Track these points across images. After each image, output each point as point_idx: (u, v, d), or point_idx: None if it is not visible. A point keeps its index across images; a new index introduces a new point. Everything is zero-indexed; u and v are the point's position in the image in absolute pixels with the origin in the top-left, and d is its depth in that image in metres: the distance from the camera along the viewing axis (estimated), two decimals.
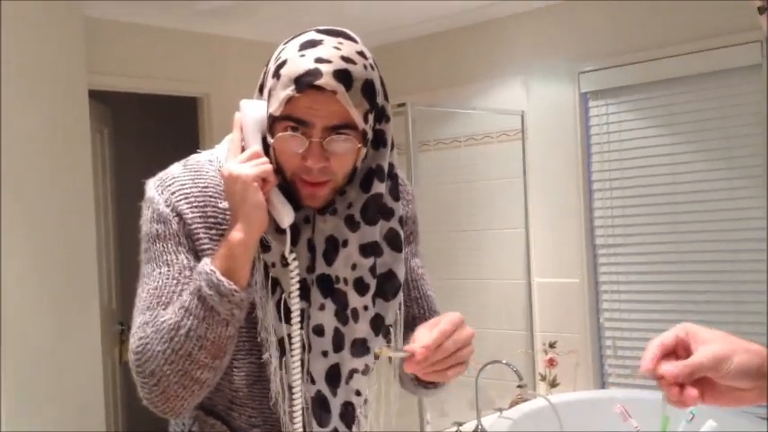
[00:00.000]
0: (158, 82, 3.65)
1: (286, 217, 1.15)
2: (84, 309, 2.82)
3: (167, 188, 1.19)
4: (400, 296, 1.28)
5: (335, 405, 1.23)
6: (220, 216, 1.19)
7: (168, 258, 1.17)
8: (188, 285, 1.14)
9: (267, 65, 1.19)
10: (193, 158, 1.26)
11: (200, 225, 1.18)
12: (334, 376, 1.22)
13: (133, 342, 1.14)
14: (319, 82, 1.07)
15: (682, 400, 0.87)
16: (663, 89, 3.11)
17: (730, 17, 2.85)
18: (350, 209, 1.22)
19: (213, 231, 1.18)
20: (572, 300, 3.38)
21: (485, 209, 3.62)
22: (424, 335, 1.11)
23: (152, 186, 1.21)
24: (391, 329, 1.27)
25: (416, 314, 1.37)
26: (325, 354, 1.21)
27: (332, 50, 1.11)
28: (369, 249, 1.23)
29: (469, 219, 3.66)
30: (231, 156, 1.16)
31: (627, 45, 3.18)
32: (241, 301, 1.11)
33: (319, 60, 1.09)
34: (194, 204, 1.18)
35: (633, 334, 3.26)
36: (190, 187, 1.19)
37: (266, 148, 1.16)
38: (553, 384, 3.31)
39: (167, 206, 1.18)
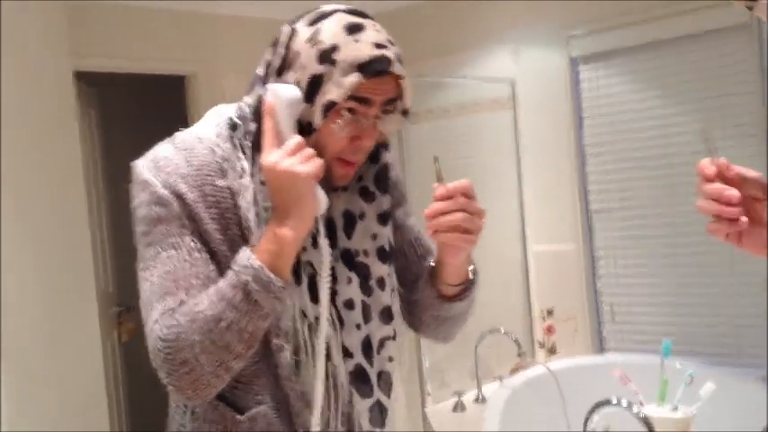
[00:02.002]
0: (144, 62, 3.61)
1: (322, 204, 1.16)
2: (81, 292, 2.81)
3: (162, 169, 1.17)
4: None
5: (373, 375, 1.27)
6: (218, 195, 1.17)
7: (174, 241, 1.15)
8: (201, 267, 1.14)
9: (282, 47, 1.18)
10: (180, 137, 1.23)
11: (200, 205, 1.16)
12: (367, 347, 1.26)
13: (160, 329, 1.11)
14: (393, 69, 1.13)
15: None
16: (652, 52, 3.10)
17: None
18: (361, 181, 1.27)
19: (213, 210, 1.17)
20: (568, 266, 3.38)
21: (477, 178, 3.57)
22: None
23: (144, 168, 1.19)
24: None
25: (421, 270, 1.39)
26: (358, 326, 1.25)
27: (378, 34, 1.15)
28: (384, 218, 1.29)
29: None
30: (270, 146, 1.13)
31: (615, 7, 3.15)
32: (285, 297, 1.12)
33: (379, 46, 1.13)
34: (192, 184, 1.16)
35: (630, 299, 3.27)
36: (185, 167, 1.17)
37: (299, 133, 1.15)
38: (552, 351, 3.33)
39: (165, 188, 1.15)
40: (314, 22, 1.16)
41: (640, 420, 1.92)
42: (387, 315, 1.28)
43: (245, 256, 1.11)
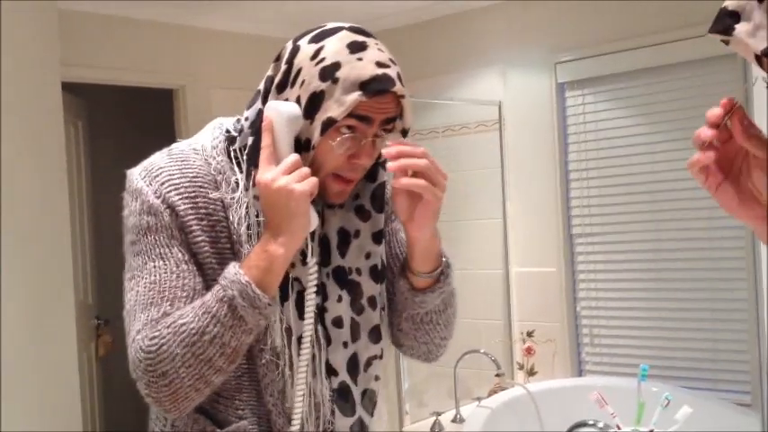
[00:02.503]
0: (133, 74, 3.61)
1: (313, 222, 1.15)
2: (60, 303, 2.79)
3: (155, 179, 1.17)
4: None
5: (357, 394, 1.27)
6: (211, 207, 1.17)
7: (162, 252, 1.15)
8: (188, 279, 1.14)
9: (285, 62, 1.18)
10: (176, 147, 1.23)
11: (192, 217, 1.16)
12: (354, 366, 1.26)
13: (142, 340, 1.11)
14: (395, 88, 1.13)
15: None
16: (639, 79, 3.14)
17: (705, 7, 2.87)
18: (357, 199, 1.27)
19: (205, 222, 1.17)
20: (549, 289, 3.40)
21: (462, 199, 3.63)
22: None
23: (138, 177, 1.18)
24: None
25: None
26: (345, 344, 1.25)
27: (380, 53, 1.15)
28: (379, 236, 1.28)
29: (447, 209, 3.62)
30: (266, 163, 1.13)
31: (603, 35, 3.19)
32: (270, 313, 1.12)
33: (381, 65, 1.13)
34: (185, 195, 1.16)
35: (610, 322, 3.29)
36: (179, 178, 1.17)
37: (296, 150, 1.15)
38: (531, 373, 3.34)
39: (157, 197, 1.15)
40: (317, 40, 1.16)
41: None
42: (375, 334, 1.28)
43: (232, 271, 1.11)
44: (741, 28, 0.79)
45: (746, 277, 2.80)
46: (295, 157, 1.13)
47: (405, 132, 1.20)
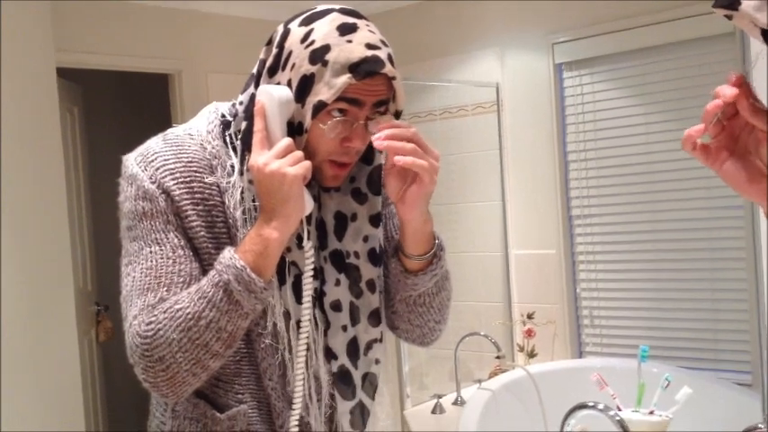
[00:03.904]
0: (129, 59, 3.59)
1: (309, 206, 1.15)
2: (59, 290, 2.79)
3: (150, 164, 1.17)
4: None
5: (357, 377, 1.27)
6: (206, 192, 1.17)
7: (158, 237, 1.15)
8: (184, 264, 1.14)
9: (276, 46, 1.17)
10: (172, 133, 1.23)
11: (187, 201, 1.16)
12: (354, 350, 1.26)
13: (138, 325, 1.11)
14: (384, 70, 1.11)
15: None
16: (637, 59, 3.12)
17: None
18: (354, 182, 1.26)
19: (200, 207, 1.16)
20: (549, 271, 3.40)
21: (461, 182, 3.62)
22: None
23: (133, 162, 1.18)
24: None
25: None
26: (344, 328, 1.25)
27: (371, 35, 1.14)
28: (377, 219, 1.27)
29: (446, 192, 3.66)
30: (259, 146, 1.13)
31: (600, 15, 3.17)
32: (265, 298, 1.12)
33: (371, 47, 1.11)
34: (180, 180, 1.16)
35: (610, 303, 3.29)
36: (174, 163, 1.17)
37: (289, 133, 1.15)
38: (531, 355, 3.34)
39: (153, 183, 1.15)
40: (308, 22, 1.15)
41: (616, 423, 1.94)
42: (375, 317, 1.28)
43: (228, 256, 1.11)
44: (748, 2, 0.77)
45: (746, 257, 2.80)
46: (288, 140, 1.12)
47: (398, 114, 1.19)
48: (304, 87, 1.12)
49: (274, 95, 1.13)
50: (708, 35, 2.88)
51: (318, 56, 1.11)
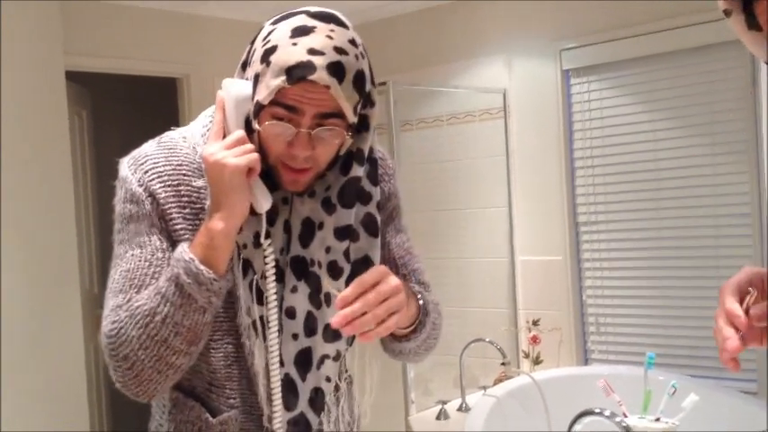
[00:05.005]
0: (137, 63, 3.61)
1: (265, 203, 1.14)
2: (65, 292, 2.80)
3: (140, 167, 1.18)
4: None
5: (305, 390, 1.23)
6: (194, 195, 1.18)
7: (141, 240, 1.15)
8: (161, 268, 1.14)
9: (253, 43, 1.17)
10: (167, 136, 1.24)
11: (173, 205, 1.16)
12: (304, 361, 1.23)
13: (106, 325, 1.13)
14: (313, 77, 1.06)
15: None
16: (644, 66, 3.12)
17: None
18: (327, 191, 1.22)
19: (187, 210, 1.17)
20: (555, 277, 3.40)
21: (468, 188, 3.62)
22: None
23: (125, 165, 1.20)
24: None
25: None
26: (295, 336, 1.22)
27: (325, 40, 1.08)
28: (344, 233, 1.23)
29: (452, 198, 3.66)
30: (213, 138, 1.13)
31: (608, 22, 3.17)
32: (219, 290, 1.11)
33: (312, 52, 1.07)
34: (168, 183, 1.16)
35: (615, 311, 3.28)
36: (163, 165, 1.17)
37: (248, 129, 1.14)
38: (536, 362, 3.33)
39: (140, 186, 1.16)
40: (276, 22, 1.14)
41: (623, 430, 1.93)
42: (332, 333, 1.22)
43: (179, 250, 1.11)
44: None
45: (752, 266, 2.79)
46: (239, 133, 1.12)
47: (351, 127, 1.14)
48: (255, 85, 1.13)
49: (231, 91, 1.15)
50: (716, 42, 2.88)
51: (265, 56, 1.11)
